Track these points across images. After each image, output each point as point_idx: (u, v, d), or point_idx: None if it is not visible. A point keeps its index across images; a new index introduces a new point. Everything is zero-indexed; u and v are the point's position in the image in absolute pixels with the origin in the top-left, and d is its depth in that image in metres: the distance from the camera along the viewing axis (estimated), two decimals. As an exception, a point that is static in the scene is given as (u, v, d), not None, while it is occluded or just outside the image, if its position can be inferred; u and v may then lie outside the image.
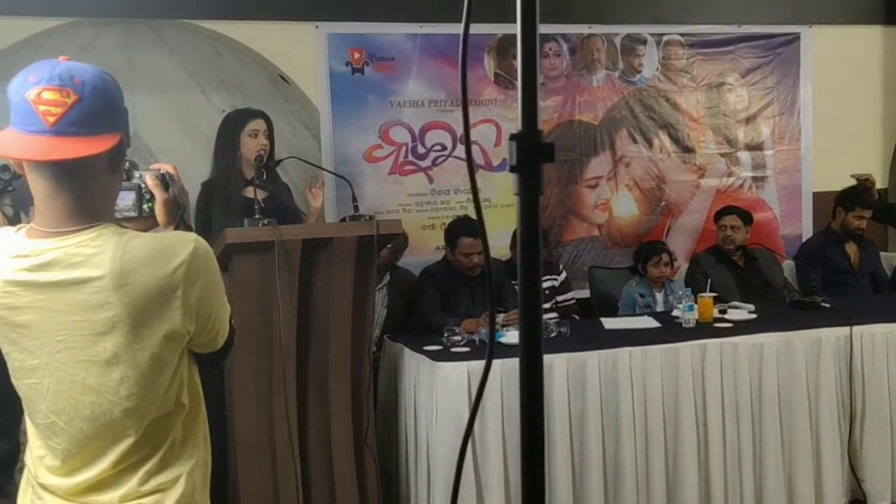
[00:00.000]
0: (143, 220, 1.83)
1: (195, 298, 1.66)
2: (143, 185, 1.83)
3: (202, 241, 1.70)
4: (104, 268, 1.58)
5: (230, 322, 1.82)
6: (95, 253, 1.59)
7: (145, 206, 1.83)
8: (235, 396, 3.49)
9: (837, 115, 6.05)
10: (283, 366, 3.45)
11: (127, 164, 1.79)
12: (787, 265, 5.47)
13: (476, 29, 4.60)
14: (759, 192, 6.02)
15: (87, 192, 1.63)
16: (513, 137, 1.06)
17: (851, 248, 5.30)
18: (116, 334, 1.61)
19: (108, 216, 1.68)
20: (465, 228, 4.33)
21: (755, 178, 6.02)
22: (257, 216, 3.48)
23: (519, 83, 1.08)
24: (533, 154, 1.06)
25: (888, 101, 6.25)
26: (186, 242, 1.66)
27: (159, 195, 1.83)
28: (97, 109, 1.59)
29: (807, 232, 6.08)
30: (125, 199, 1.80)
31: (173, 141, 5.04)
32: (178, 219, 1.85)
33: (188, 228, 1.85)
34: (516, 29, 1.08)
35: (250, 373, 3.48)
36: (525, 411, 1.03)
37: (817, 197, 6.05)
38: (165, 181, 1.84)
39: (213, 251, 1.74)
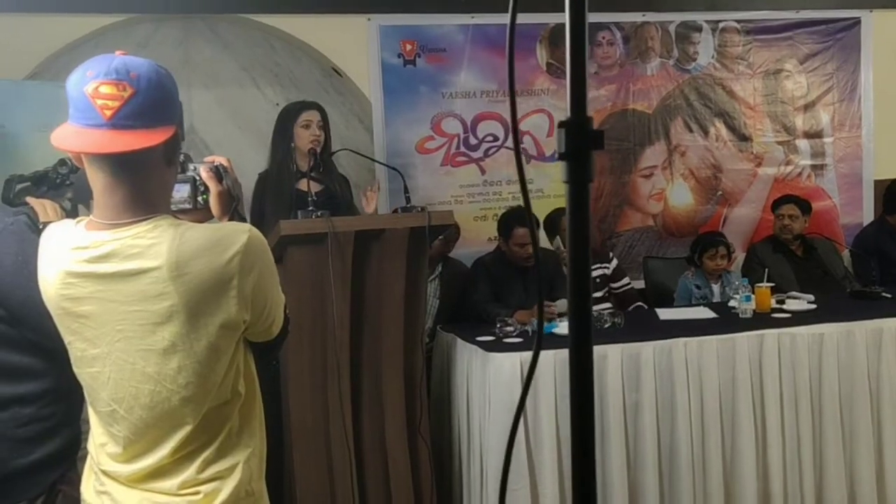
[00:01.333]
0: (198, 212, 1.86)
1: (250, 288, 1.68)
2: (197, 178, 1.85)
3: (256, 232, 1.72)
4: (161, 258, 1.61)
5: (285, 311, 1.84)
6: (152, 244, 1.62)
7: (200, 198, 1.86)
8: (290, 386, 3.52)
9: (900, 100, 5.90)
10: (337, 356, 3.47)
11: (182, 157, 1.81)
12: (847, 255, 5.36)
13: (528, 18, 4.61)
14: (818, 181, 5.90)
15: (144, 185, 1.65)
16: (561, 125, 1.05)
17: None
18: (174, 324, 1.64)
19: (164, 208, 1.71)
20: (519, 219, 4.32)
21: (814, 167, 5.90)
22: (310, 208, 3.51)
23: (567, 69, 1.07)
24: (581, 141, 1.05)
25: (953, 86, 6.07)
26: (241, 233, 1.68)
27: (214, 187, 1.85)
28: (152, 102, 1.62)
29: (868, 220, 5.94)
30: (180, 191, 1.83)
31: (228, 134, 5.11)
32: (232, 210, 1.88)
33: (242, 220, 1.87)
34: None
35: (305, 363, 3.51)
36: (574, 401, 1.03)
37: (878, 185, 5.89)
38: (219, 173, 1.86)
39: (267, 242, 1.76)
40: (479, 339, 3.80)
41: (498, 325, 3.84)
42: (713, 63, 5.69)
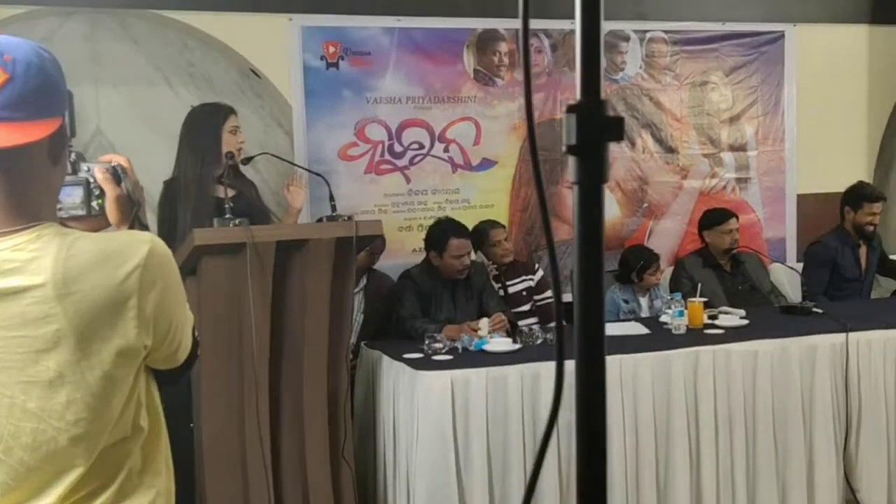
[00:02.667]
0: (93, 220, 1.62)
1: (152, 307, 1.46)
2: (91, 180, 1.62)
3: (159, 242, 1.50)
4: (45, 274, 1.37)
5: (193, 334, 1.62)
6: (34, 257, 1.38)
7: (94, 203, 1.62)
8: (203, 408, 3.28)
9: (822, 115, 5.94)
10: (256, 375, 3.24)
11: (73, 156, 1.58)
12: (774, 268, 5.34)
13: (454, 24, 4.43)
14: (742, 194, 5.89)
15: (24, 188, 1.42)
16: (571, 109, 0.85)
17: (863, 252, 5.16)
18: (61, 351, 1.40)
19: (49, 215, 1.47)
20: (454, 229, 4.15)
21: (738, 180, 5.88)
22: (228, 216, 3.27)
23: (578, 39, 0.88)
24: (597, 130, 0.86)
25: (873, 102, 6.15)
26: (140, 243, 1.46)
27: (110, 190, 1.62)
28: (32, 91, 1.38)
29: (790, 235, 5.97)
30: (71, 196, 1.59)
31: (138, 137, 4.82)
32: (132, 217, 1.64)
33: (144, 228, 1.64)
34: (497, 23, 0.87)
35: (220, 383, 3.27)
36: (583, 426, 0.84)
37: (801, 199, 5.94)
38: (117, 174, 1.63)
39: (172, 253, 1.54)
40: (406, 356, 3.61)
41: (426, 342, 3.66)
42: (641, 73, 5.63)
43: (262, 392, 3.27)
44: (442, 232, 4.15)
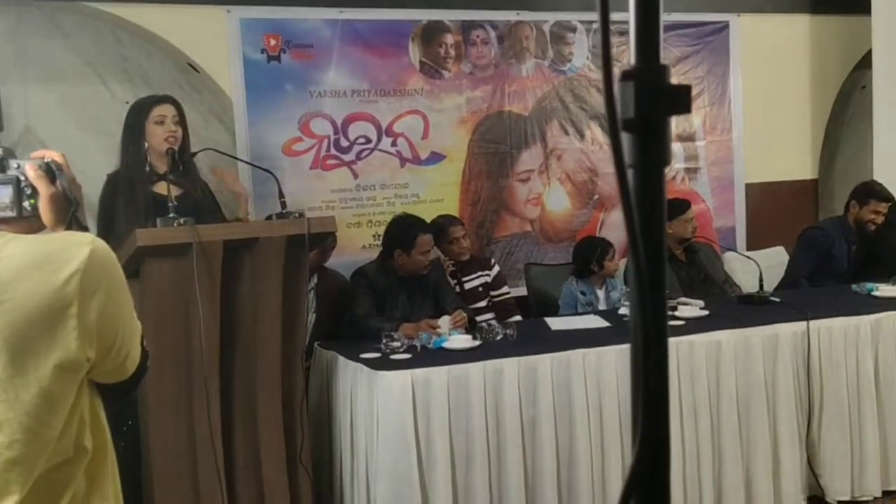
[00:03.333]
0: (25, 221, 1.46)
1: (94, 316, 1.32)
2: (22, 178, 1.46)
3: (101, 244, 1.36)
4: None
5: (142, 343, 1.47)
6: None
7: (26, 203, 1.46)
8: (151, 418, 3.09)
9: (768, 105, 5.97)
10: (206, 382, 3.07)
11: (0, 152, 1.43)
12: (726, 258, 5.32)
13: (399, 15, 4.28)
14: (691, 184, 5.88)
15: None
16: (627, 76, 0.72)
17: (854, 250, 5.12)
18: None
19: None
20: (420, 226, 4.01)
21: (687, 170, 5.87)
22: (172, 215, 3.09)
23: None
24: (658, 100, 0.72)
25: (816, 91, 6.20)
26: (80, 245, 1.32)
27: (44, 189, 1.46)
28: None
29: (740, 224, 5.98)
30: (0, 196, 1.44)
31: (70, 136, 4.60)
32: (69, 217, 1.49)
33: (83, 229, 1.49)
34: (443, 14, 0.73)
35: (168, 391, 3.09)
36: (647, 424, 0.71)
37: (749, 188, 5.95)
38: (51, 171, 1.47)
39: (116, 255, 1.40)
40: (363, 356, 3.47)
41: (384, 341, 3.52)
42: (588, 64, 5.57)
43: (213, 399, 3.10)
44: (408, 228, 4.00)
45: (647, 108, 0.70)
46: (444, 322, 3.72)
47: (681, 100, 0.71)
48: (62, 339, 1.29)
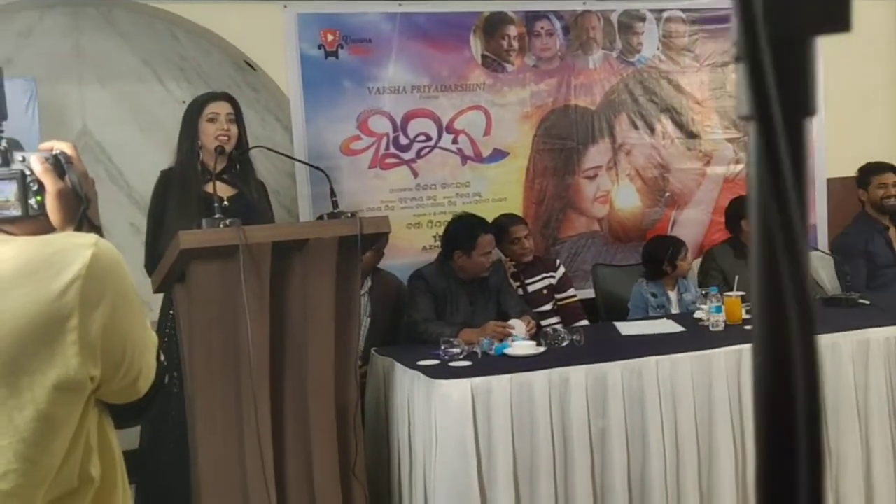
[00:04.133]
0: (33, 221, 1.29)
1: (98, 329, 1.15)
2: (28, 172, 1.30)
3: (105, 245, 1.19)
4: None
5: (158, 358, 1.31)
6: None
7: (33, 201, 1.29)
8: (199, 428, 2.96)
9: (851, 94, 5.61)
10: (255, 391, 2.93)
11: (3, 144, 1.28)
12: (816, 256, 4.99)
13: (460, 7, 4.07)
14: (769, 180, 5.55)
15: None
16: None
17: (894, 235, 4.83)
18: None
19: None
20: (481, 226, 3.81)
21: (765, 165, 5.55)
22: (217, 216, 2.95)
23: None
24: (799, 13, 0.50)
25: (903, 78, 5.82)
26: (81, 247, 1.16)
27: (51, 184, 1.28)
28: None
29: (821, 221, 5.63)
30: (4, 192, 1.28)
31: (128, 136, 4.54)
32: (79, 216, 1.32)
33: (95, 229, 1.32)
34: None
35: (216, 400, 2.95)
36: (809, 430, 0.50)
37: (832, 183, 5.60)
38: (59, 165, 1.30)
39: (122, 259, 1.23)
40: (420, 363, 3.29)
41: (442, 347, 3.34)
42: (658, 55, 5.31)
43: (263, 409, 2.95)
44: (470, 229, 3.81)
45: (784, 25, 0.48)
46: (518, 325, 3.52)
47: (834, 9, 0.49)
48: (61, 356, 1.14)
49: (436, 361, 3.30)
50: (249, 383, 2.93)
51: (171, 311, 3.00)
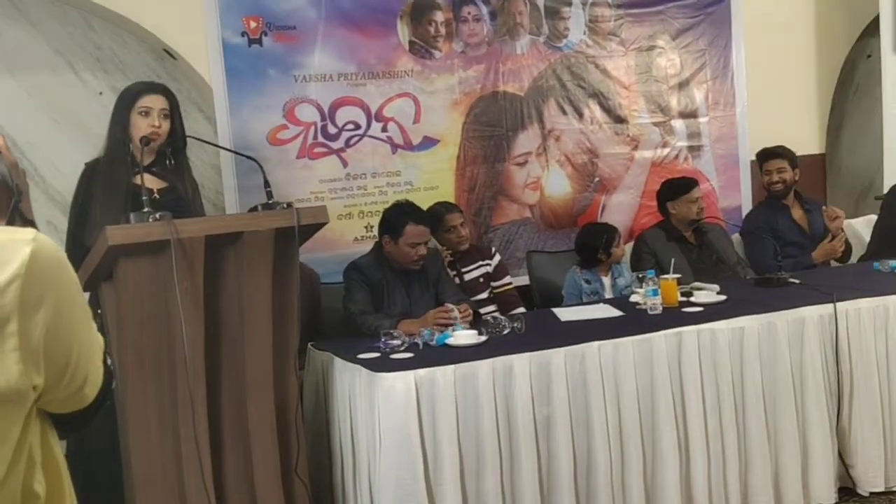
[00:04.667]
0: None
1: (40, 333, 1.06)
2: None
3: (46, 241, 1.09)
4: None
5: (105, 361, 1.21)
6: None
7: None
8: (132, 434, 2.83)
9: (771, 78, 5.72)
10: (191, 391, 2.81)
11: None
12: (736, 239, 5.07)
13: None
14: (695, 163, 5.64)
15: None
16: None
17: (798, 214, 4.93)
18: None
19: None
20: (414, 215, 3.73)
21: (690, 148, 5.63)
22: (146, 209, 2.81)
23: None
24: None
25: (821, 62, 5.96)
26: (18, 244, 1.06)
27: None
28: None
29: (746, 203, 5.74)
30: None
31: (41, 129, 4.34)
32: (10, 209, 1.22)
33: (28, 223, 1.22)
34: None
35: (149, 403, 2.83)
36: None
37: (755, 165, 5.68)
38: None
39: (65, 255, 1.13)
40: (361, 356, 3.21)
41: (383, 339, 3.26)
42: (585, 40, 5.32)
43: (200, 409, 2.84)
44: (399, 216, 3.74)
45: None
46: (454, 309, 3.47)
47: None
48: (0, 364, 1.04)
49: (376, 354, 3.23)
50: (185, 385, 2.81)
51: (99, 311, 2.86)
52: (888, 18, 5.46)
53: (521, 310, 4.34)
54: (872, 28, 5.81)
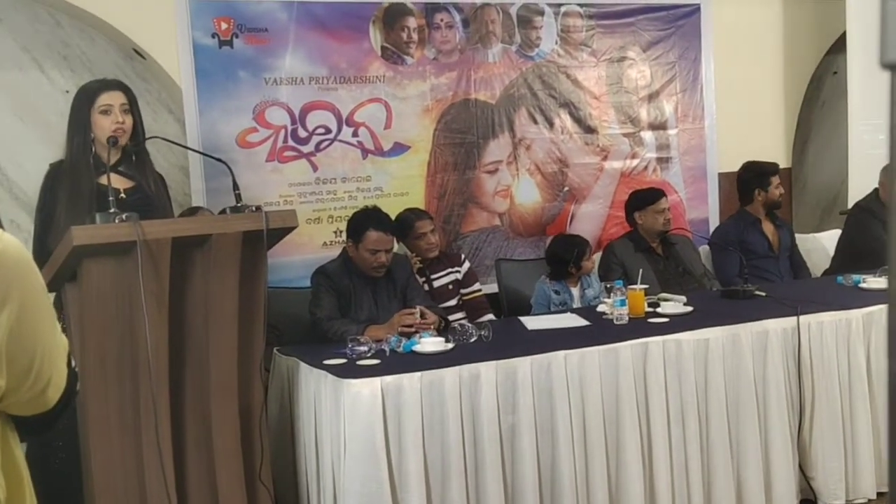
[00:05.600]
0: None
1: (3, 335, 1.05)
2: None
3: (11, 241, 1.08)
4: None
5: (70, 364, 1.19)
6: None
7: None
8: (93, 438, 2.79)
9: (740, 91, 5.78)
10: (154, 395, 2.77)
11: None
12: (703, 251, 5.10)
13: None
14: (663, 175, 5.67)
15: None
16: None
17: (769, 229, 4.97)
18: None
19: None
20: (374, 220, 3.72)
21: (659, 160, 5.66)
22: (113, 210, 2.78)
23: None
24: None
25: (788, 77, 6.03)
26: None
27: None
28: None
29: (713, 215, 5.79)
30: None
31: (7, 126, 4.28)
32: None
33: None
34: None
35: (111, 407, 2.79)
36: None
37: (723, 178, 5.75)
38: None
39: (30, 255, 1.11)
40: (327, 362, 3.19)
41: (349, 346, 3.24)
42: (557, 50, 5.34)
43: (162, 414, 2.80)
44: (363, 220, 3.73)
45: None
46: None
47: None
48: None
49: (343, 360, 3.21)
50: (148, 389, 2.78)
51: (62, 312, 2.81)
52: (855, 35, 5.53)
53: (491, 316, 4.34)
54: (839, 45, 5.90)
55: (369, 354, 3.24)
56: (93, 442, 2.82)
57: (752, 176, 5.00)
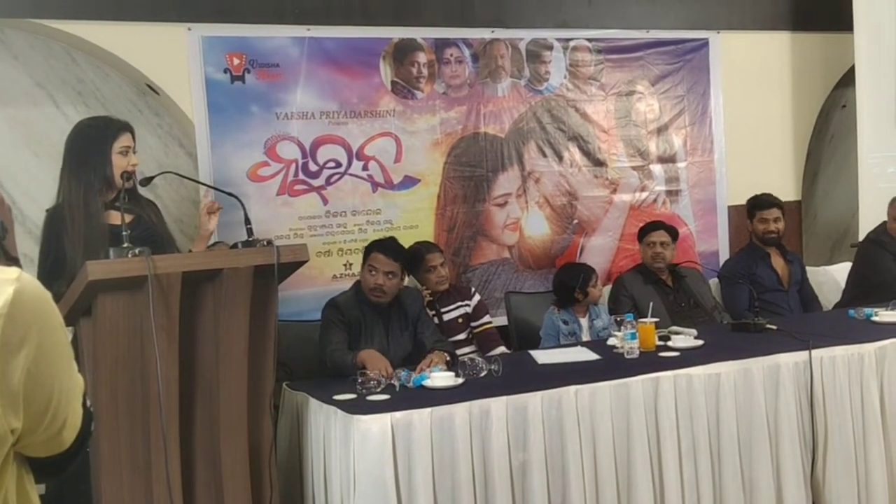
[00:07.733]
0: None
1: (21, 376, 1.04)
2: None
3: (29, 280, 1.08)
4: None
5: (85, 404, 1.19)
6: None
7: None
8: (104, 473, 2.79)
9: (749, 124, 5.80)
10: (164, 431, 2.78)
11: None
12: (713, 284, 5.10)
13: (370, 32, 4.01)
14: (673, 207, 5.68)
15: None
16: None
17: (778, 263, 4.96)
18: None
19: None
20: (383, 245, 3.77)
21: (669, 193, 5.67)
22: (125, 245, 2.80)
23: None
24: None
25: (797, 110, 6.04)
26: (2, 284, 1.05)
27: None
28: None
29: (723, 248, 5.78)
30: None
31: (21, 162, 4.31)
32: None
33: (12, 261, 1.21)
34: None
35: (122, 443, 2.79)
36: None
37: (732, 211, 5.75)
38: None
39: (51, 295, 1.12)
40: (336, 397, 3.18)
41: (359, 380, 3.24)
42: (566, 84, 5.37)
43: (172, 450, 2.80)
44: (373, 244, 3.82)
45: None
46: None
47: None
48: None
49: (352, 395, 3.20)
50: (158, 424, 2.78)
51: (78, 348, 2.83)
52: (864, 69, 5.55)
53: (503, 349, 4.33)
54: (847, 78, 5.92)
55: (379, 389, 3.23)
56: (103, 477, 2.82)
57: (746, 210, 5.03)
